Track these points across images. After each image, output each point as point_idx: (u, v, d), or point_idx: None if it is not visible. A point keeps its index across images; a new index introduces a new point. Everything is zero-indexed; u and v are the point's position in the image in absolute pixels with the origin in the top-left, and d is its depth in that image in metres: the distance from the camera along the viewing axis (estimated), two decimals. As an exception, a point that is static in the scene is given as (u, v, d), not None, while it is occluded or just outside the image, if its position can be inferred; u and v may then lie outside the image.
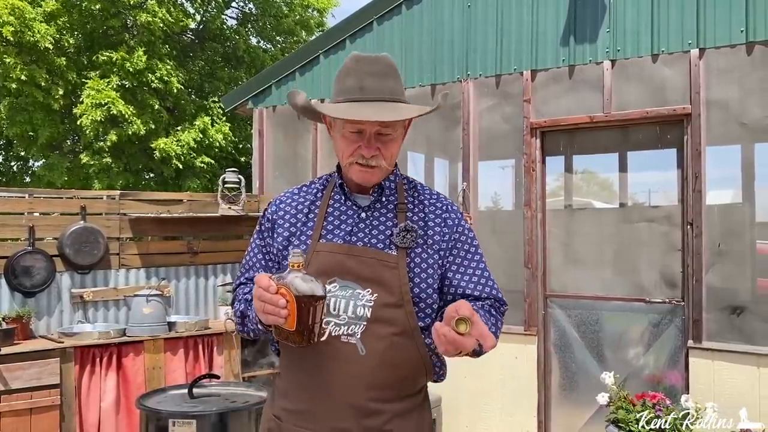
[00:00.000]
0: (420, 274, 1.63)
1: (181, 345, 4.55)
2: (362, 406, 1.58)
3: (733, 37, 3.83)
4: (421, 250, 1.64)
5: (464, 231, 1.72)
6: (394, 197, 1.71)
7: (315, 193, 1.77)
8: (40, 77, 9.06)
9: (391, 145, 1.66)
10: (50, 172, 9.87)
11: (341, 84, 1.65)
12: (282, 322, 1.44)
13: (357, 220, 1.67)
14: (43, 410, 3.95)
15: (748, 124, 3.87)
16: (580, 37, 4.31)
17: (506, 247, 4.57)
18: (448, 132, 4.89)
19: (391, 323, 1.58)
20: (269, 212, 1.78)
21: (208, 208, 5.44)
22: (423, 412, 1.70)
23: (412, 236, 1.63)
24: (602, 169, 4.75)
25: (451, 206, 1.75)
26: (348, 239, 1.64)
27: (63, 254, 4.70)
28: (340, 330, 1.58)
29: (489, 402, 4.51)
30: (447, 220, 1.71)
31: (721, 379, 3.79)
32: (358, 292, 1.59)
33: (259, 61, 11.50)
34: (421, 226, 1.67)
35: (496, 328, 1.64)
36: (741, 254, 3.86)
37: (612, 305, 4.30)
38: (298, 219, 1.71)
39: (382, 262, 1.60)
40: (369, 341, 1.56)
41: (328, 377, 1.58)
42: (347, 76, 1.64)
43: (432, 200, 1.75)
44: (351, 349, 1.56)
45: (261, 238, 1.78)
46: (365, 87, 1.60)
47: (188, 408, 2.91)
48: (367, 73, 1.61)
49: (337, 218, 1.69)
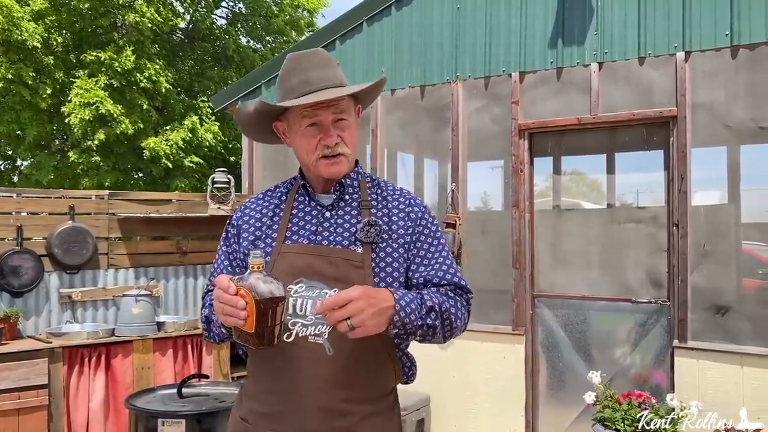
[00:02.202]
0: (385, 268, 1.63)
1: (170, 345, 4.55)
2: (331, 408, 1.57)
3: (719, 41, 3.88)
4: (385, 244, 1.65)
5: (427, 224, 1.73)
6: (357, 195, 1.72)
7: (279, 196, 1.78)
8: (28, 76, 9.00)
9: (350, 130, 1.69)
10: (38, 170, 9.81)
11: (285, 85, 1.67)
12: (241, 324, 1.41)
13: (321, 219, 1.68)
14: (31, 410, 3.94)
15: (733, 127, 3.92)
16: (568, 39, 4.35)
17: (494, 247, 4.61)
18: (437, 133, 4.92)
19: None
20: (234, 219, 1.79)
21: (198, 208, 5.44)
22: (392, 415, 1.70)
23: (376, 230, 1.64)
24: (590, 170, 4.79)
25: (414, 200, 1.76)
26: (313, 239, 1.65)
27: (51, 254, 4.69)
28: (307, 330, 1.57)
29: (477, 401, 4.54)
30: (410, 214, 1.71)
31: (706, 378, 3.84)
32: (324, 291, 1.58)
33: (249, 61, 11.48)
34: (385, 221, 1.68)
35: (456, 308, 1.64)
36: (725, 255, 3.91)
37: (599, 305, 4.34)
38: (263, 223, 1.72)
39: (348, 261, 1.61)
40: (336, 341, 1.55)
41: (295, 378, 1.58)
42: (289, 76, 1.67)
43: (395, 195, 1.75)
44: (318, 350, 1.56)
45: (227, 245, 1.78)
46: (310, 79, 1.63)
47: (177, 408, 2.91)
48: (309, 66, 1.65)
49: (301, 219, 1.70)
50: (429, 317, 1.57)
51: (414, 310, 1.53)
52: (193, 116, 9.84)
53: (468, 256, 4.65)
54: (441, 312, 1.59)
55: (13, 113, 9.43)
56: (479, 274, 4.62)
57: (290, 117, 1.69)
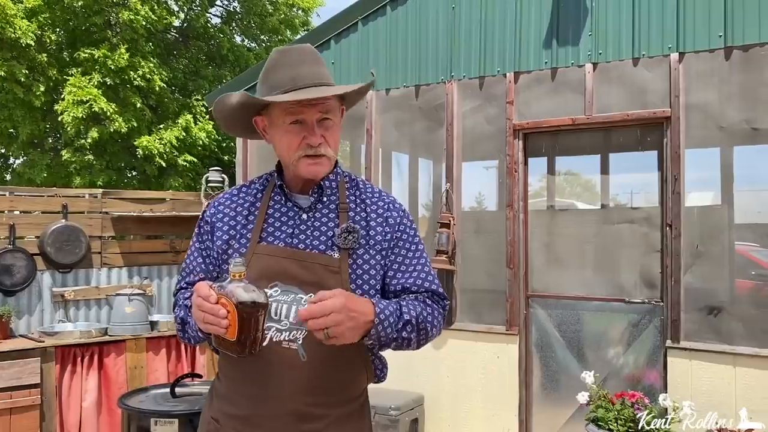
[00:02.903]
0: (362, 275, 1.61)
1: (164, 344, 4.55)
2: (302, 412, 1.56)
3: (712, 42, 3.89)
4: (363, 251, 1.62)
5: (406, 229, 1.70)
6: (336, 197, 1.69)
7: (255, 194, 1.73)
8: (21, 74, 8.96)
9: (334, 131, 1.65)
10: (30, 169, 9.77)
11: (270, 78, 1.62)
12: (223, 333, 1.40)
13: (298, 221, 1.65)
14: (23, 410, 3.93)
15: (727, 128, 3.93)
16: (563, 40, 4.36)
17: (489, 247, 4.61)
18: (431, 133, 4.92)
19: None
20: (208, 215, 1.73)
21: (191, 207, 5.43)
22: (363, 416, 1.69)
23: (354, 237, 1.61)
24: (584, 170, 4.81)
25: (392, 204, 1.73)
26: (290, 242, 1.62)
27: (44, 253, 4.67)
28: (281, 336, 1.55)
29: (471, 401, 4.55)
30: (389, 219, 1.68)
31: (698, 378, 3.85)
32: (300, 296, 1.56)
33: (243, 60, 11.45)
34: (363, 226, 1.65)
35: (432, 316, 1.64)
36: (718, 255, 3.92)
37: (592, 305, 4.35)
38: (238, 221, 1.68)
39: (324, 267, 1.58)
40: (311, 347, 1.53)
41: (268, 383, 1.56)
42: (275, 69, 1.61)
43: (374, 199, 1.72)
44: (292, 355, 1.54)
45: (200, 241, 1.73)
46: (297, 76, 1.58)
47: (170, 407, 2.91)
48: (296, 62, 1.60)
49: (277, 220, 1.66)
50: (404, 330, 1.57)
51: (391, 324, 1.53)
52: (187, 115, 9.81)
53: (462, 256, 4.65)
54: (417, 324, 1.59)
55: (5, 111, 9.38)
56: (473, 274, 4.62)
57: (273, 113, 1.64)
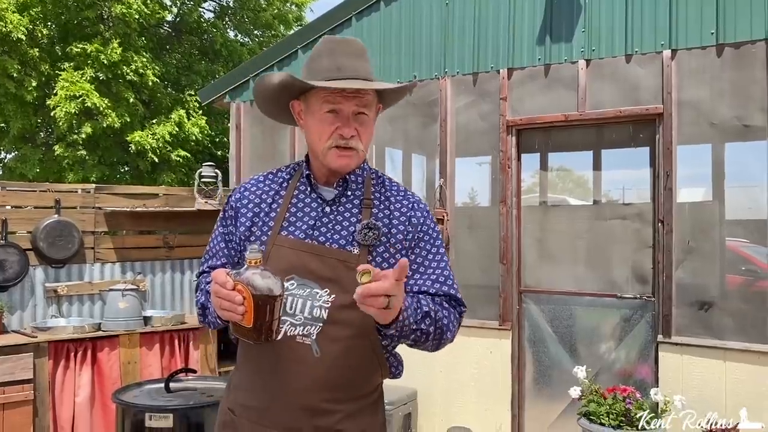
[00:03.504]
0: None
1: (157, 339, 4.54)
2: (315, 407, 1.56)
3: (704, 39, 3.92)
4: (383, 248, 1.61)
5: (428, 230, 1.69)
6: (360, 191, 1.68)
7: (280, 182, 1.73)
8: (12, 68, 8.91)
9: (368, 127, 1.65)
10: (23, 164, 9.72)
11: (315, 65, 1.63)
12: (239, 319, 1.41)
13: (320, 214, 1.64)
14: (16, 405, 3.91)
15: (718, 124, 3.96)
16: (556, 36, 4.37)
17: (482, 242, 4.63)
18: (425, 128, 4.93)
19: (348, 325, 1.56)
20: (233, 200, 1.74)
21: (185, 202, 5.42)
22: (376, 411, 1.70)
23: (375, 234, 1.60)
24: (577, 166, 4.82)
25: (417, 204, 1.71)
26: (310, 233, 1.61)
27: (37, 248, 4.66)
28: (295, 330, 1.56)
29: (463, 396, 4.57)
30: (412, 219, 1.67)
31: (689, 373, 3.88)
32: (315, 291, 1.56)
33: (236, 55, 11.42)
34: (385, 223, 1.64)
35: (448, 319, 1.63)
36: (710, 251, 3.95)
37: (585, 300, 4.37)
38: (261, 209, 1.68)
39: (342, 262, 1.57)
40: (324, 343, 1.55)
41: (282, 377, 1.57)
42: (321, 57, 1.62)
43: (399, 197, 1.71)
44: (306, 351, 1.55)
45: (224, 225, 1.74)
46: (342, 66, 1.59)
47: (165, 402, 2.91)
48: (343, 53, 1.61)
49: (300, 210, 1.66)
50: (424, 322, 1.55)
51: (411, 314, 1.51)
52: (180, 110, 9.78)
53: (455, 251, 4.67)
54: (435, 319, 1.58)
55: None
56: (466, 269, 4.64)
57: (311, 98, 1.63)
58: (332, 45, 1.63)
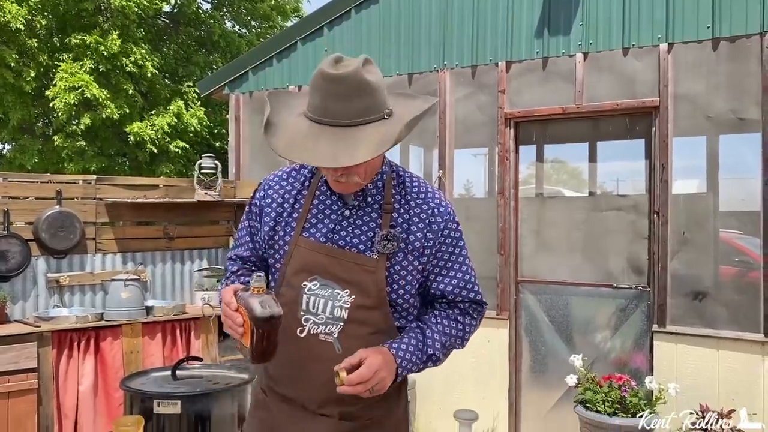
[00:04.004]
0: (399, 280, 1.64)
1: (159, 329, 4.59)
2: (339, 398, 1.61)
3: (701, 33, 3.96)
4: (401, 256, 1.64)
5: (449, 233, 1.70)
6: (381, 196, 1.68)
7: (303, 181, 1.74)
8: (11, 58, 8.91)
9: (367, 165, 1.58)
10: (22, 154, 9.74)
11: (311, 96, 1.55)
12: (239, 338, 1.52)
13: (341, 217, 1.66)
14: (21, 394, 3.96)
15: (713, 117, 4.01)
16: (554, 29, 4.41)
17: (480, 233, 4.68)
18: (424, 120, 4.95)
19: (367, 324, 1.62)
20: (258, 197, 1.77)
21: (185, 193, 5.45)
22: (399, 395, 1.76)
23: (394, 244, 1.63)
24: (573, 159, 4.87)
25: (438, 208, 1.70)
26: (330, 237, 1.65)
27: (38, 238, 4.69)
28: (318, 329, 1.63)
29: (461, 384, 4.64)
30: (432, 225, 1.67)
31: (683, 361, 3.96)
32: (336, 292, 1.62)
33: (234, 46, 11.43)
34: (404, 228, 1.65)
35: (463, 332, 1.72)
36: (704, 242, 4.02)
37: (581, 291, 4.44)
38: (284, 208, 1.71)
39: (361, 266, 1.62)
40: (346, 340, 1.61)
41: (307, 372, 1.64)
42: (314, 92, 1.53)
43: (419, 201, 1.69)
44: (328, 348, 1.61)
45: (249, 219, 1.80)
46: (329, 109, 1.50)
47: (172, 389, 2.96)
48: (331, 94, 1.49)
49: (321, 212, 1.68)
50: (426, 365, 1.66)
51: (413, 363, 1.62)
52: (178, 101, 9.80)
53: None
54: (443, 352, 1.68)
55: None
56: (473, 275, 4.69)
57: None
58: (323, 82, 1.50)
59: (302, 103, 1.60)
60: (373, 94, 1.51)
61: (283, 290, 1.66)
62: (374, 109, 1.51)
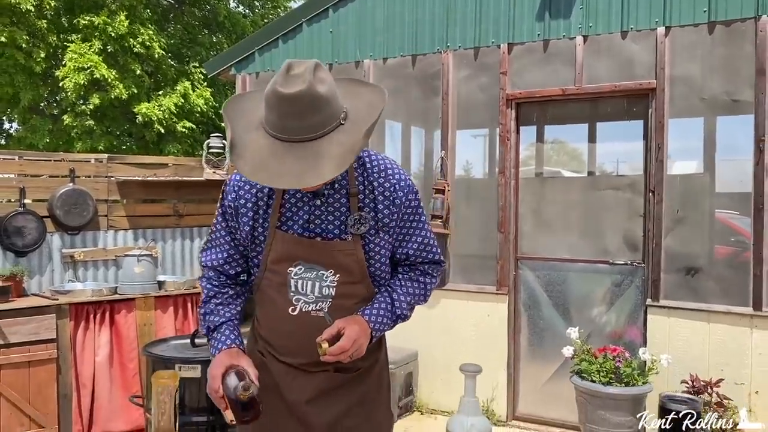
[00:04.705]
0: (375, 255, 1.81)
1: (171, 303, 4.75)
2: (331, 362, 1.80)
3: (697, 17, 4.07)
4: (374, 233, 1.79)
5: (410, 203, 1.83)
6: (346, 181, 1.78)
7: None
8: (21, 39, 8.99)
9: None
10: (33, 134, 9.86)
11: (267, 112, 1.60)
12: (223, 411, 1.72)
13: (313, 207, 1.77)
14: (41, 363, 4.14)
15: (708, 99, 4.14)
16: (555, 12, 4.52)
17: (481, 212, 4.83)
18: (426, 101, 5.09)
19: (353, 296, 1.81)
20: (230, 199, 1.83)
21: (193, 172, 5.59)
22: (380, 347, 1.98)
23: (365, 226, 1.77)
24: (573, 139, 5.00)
25: (398, 183, 1.81)
26: (307, 227, 1.77)
27: (53, 215, 4.83)
28: (309, 307, 1.79)
29: (462, 356, 4.80)
30: (395, 200, 1.80)
31: (675, 334, 4.12)
32: (322, 273, 1.78)
33: (239, 27, 11.48)
34: (372, 207, 1.78)
35: (425, 290, 1.94)
36: (697, 220, 4.17)
37: (578, 267, 4.60)
38: (260, 206, 1.79)
39: (340, 251, 1.77)
40: (336, 313, 1.78)
41: (301, 342, 1.80)
42: (270, 110, 1.58)
43: (381, 180, 1.80)
44: (320, 321, 1.78)
45: (226, 220, 1.86)
46: (287, 127, 1.57)
47: (192, 354, 3.10)
48: (288, 113, 1.55)
49: (294, 205, 1.78)
50: (396, 323, 1.88)
51: (384, 324, 1.83)
52: (185, 82, 9.90)
53: (455, 220, 4.87)
54: (409, 310, 1.89)
55: (6, 76, 9.43)
56: (466, 237, 4.85)
57: None
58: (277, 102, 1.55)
59: (254, 107, 1.66)
60: (327, 105, 1.57)
61: (269, 275, 1.82)
62: (330, 118, 1.58)
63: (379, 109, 1.65)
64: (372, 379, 1.94)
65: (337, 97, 1.61)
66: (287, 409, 1.86)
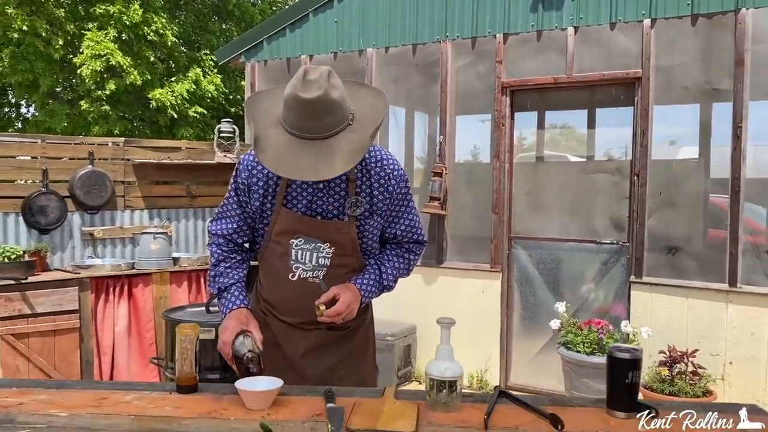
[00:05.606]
0: (367, 234, 2.06)
1: (185, 278, 5.06)
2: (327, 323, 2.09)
3: (681, 9, 4.30)
4: (368, 215, 2.02)
5: (401, 190, 2.06)
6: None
7: None
8: (41, 27, 9.30)
9: None
10: (51, 118, 10.20)
11: (285, 111, 1.83)
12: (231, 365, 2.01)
13: (315, 189, 1.99)
14: (65, 332, 4.46)
15: (690, 87, 4.37)
16: (548, 4, 4.74)
17: (477, 194, 5.09)
18: (427, 88, 5.34)
19: (345, 267, 2.06)
20: (243, 177, 2.04)
21: (205, 155, 5.86)
22: (367, 309, 2.24)
23: (360, 208, 2.00)
24: (564, 125, 5.25)
25: (393, 172, 2.04)
26: (309, 207, 2.00)
27: (74, 195, 5.12)
28: (306, 274, 2.03)
29: (458, 330, 5.03)
30: (389, 188, 2.03)
31: (657, 308, 4.39)
32: (319, 245, 2.02)
33: (248, 15, 11.72)
34: (368, 193, 2.01)
35: (409, 266, 2.19)
36: (678, 202, 4.41)
37: (568, 246, 4.86)
38: (269, 185, 2.01)
39: (336, 230, 2.01)
40: (329, 280, 2.02)
41: (300, 304, 2.07)
42: (289, 111, 1.82)
43: (377, 169, 2.02)
44: (316, 287, 2.03)
45: (237, 195, 2.08)
46: (304, 127, 1.81)
47: (208, 319, 3.37)
48: (306, 115, 1.79)
49: (299, 186, 2.00)
50: (382, 292, 2.13)
51: (372, 292, 2.08)
52: (196, 68, 10.19)
53: (453, 202, 5.14)
54: (394, 281, 2.14)
55: (26, 63, 9.76)
56: (462, 218, 5.12)
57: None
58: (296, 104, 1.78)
59: (271, 105, 1.92)
60: (339, 108, 1.82)
61: (273, 245, 2.07)
62: (341, 119, 1.83)
63: (382, 113, 1.93)
64: (359, 336, 2.22)
65: (346, 100, 1.85)
66: (286, 362, 2.14)
